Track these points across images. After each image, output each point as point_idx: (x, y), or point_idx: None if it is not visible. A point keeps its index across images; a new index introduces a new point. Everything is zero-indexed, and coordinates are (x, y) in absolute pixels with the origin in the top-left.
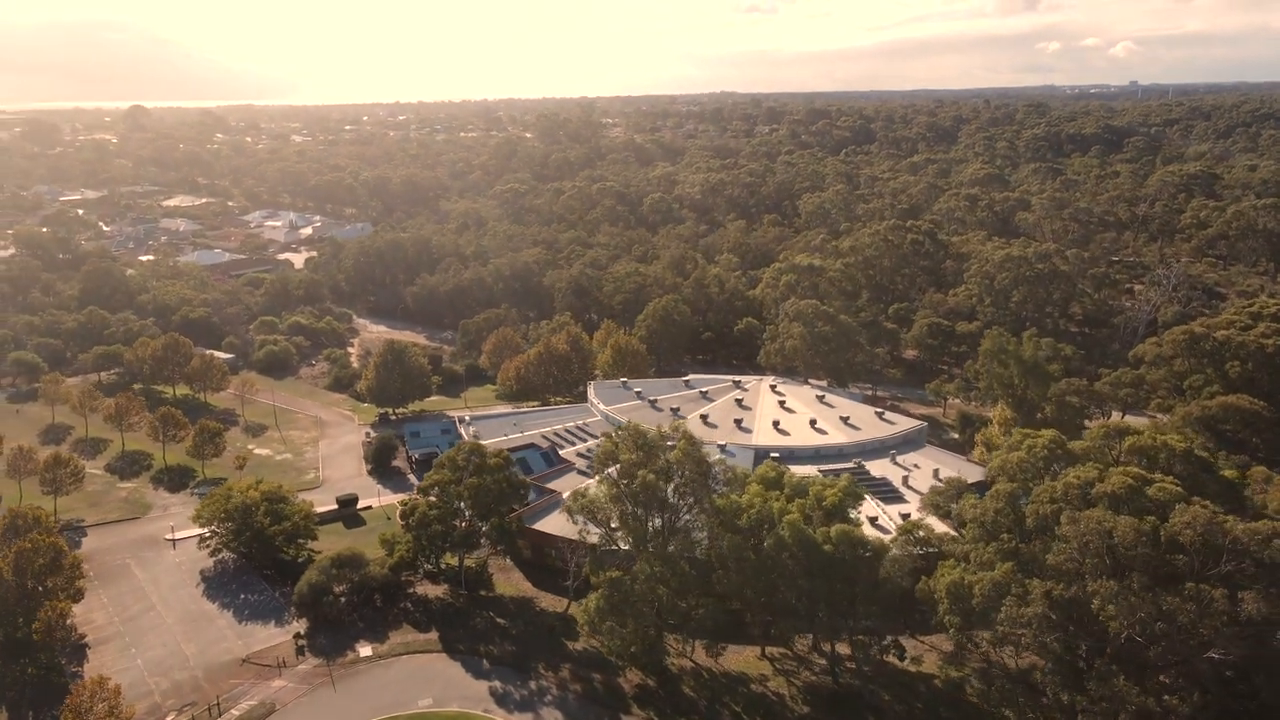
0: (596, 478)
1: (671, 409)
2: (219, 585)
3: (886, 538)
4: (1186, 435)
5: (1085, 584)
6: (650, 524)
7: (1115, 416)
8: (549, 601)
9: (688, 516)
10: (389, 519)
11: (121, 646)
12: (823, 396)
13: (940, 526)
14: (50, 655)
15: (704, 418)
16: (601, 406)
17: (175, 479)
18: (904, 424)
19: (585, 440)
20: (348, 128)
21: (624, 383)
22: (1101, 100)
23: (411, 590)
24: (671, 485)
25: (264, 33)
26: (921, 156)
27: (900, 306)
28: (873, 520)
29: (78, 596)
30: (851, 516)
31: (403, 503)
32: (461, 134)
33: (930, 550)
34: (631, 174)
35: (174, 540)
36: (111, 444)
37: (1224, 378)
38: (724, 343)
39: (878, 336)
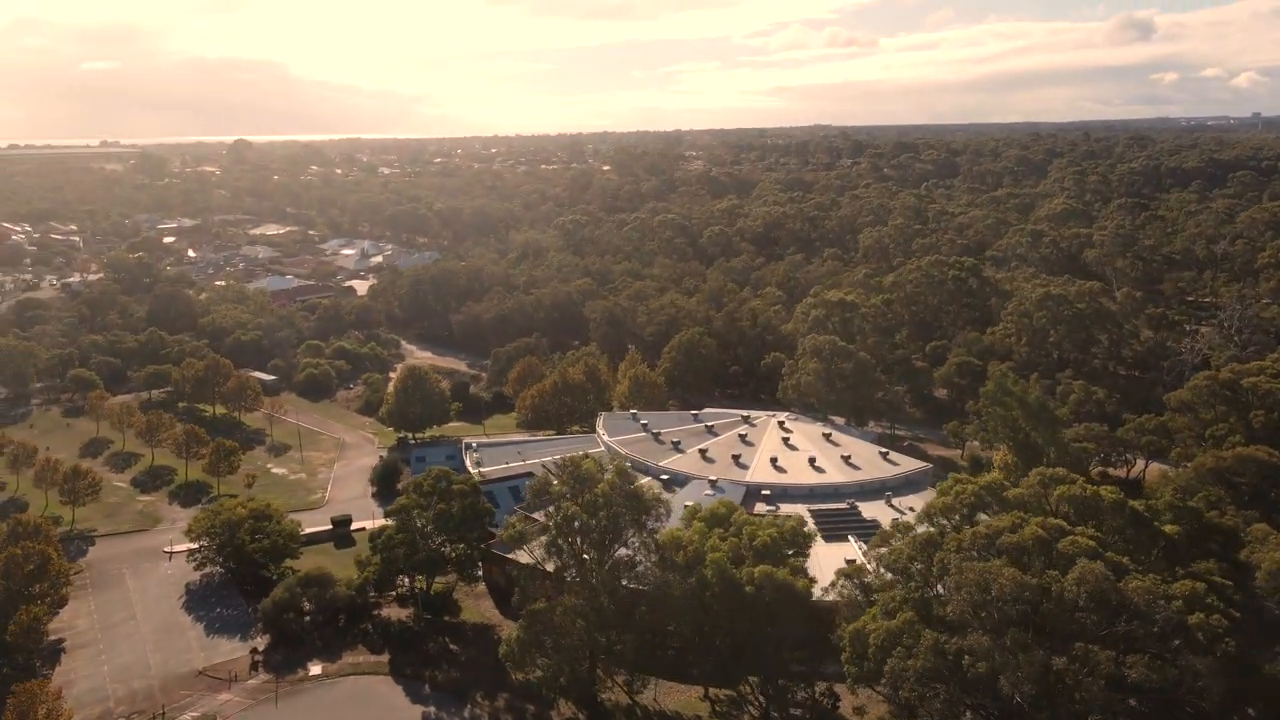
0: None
1: (673, 442)
2: (199, 598)
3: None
4: (1113, 490)
5: (965, 638)
6: (584, 556)
7: (1139, 464)
8: (511, 629)
9: (627, 551)
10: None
11: (95, 652)
12: (829, 435)
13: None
14: (27, 656)
15: (703, 452)
16: (606, 437)
17: (191, 494)
18: (908, 465)
19: None
20: (437, 160)
21: (633, 414)
22: (1218, 133)
23: (376, 612)
24: (598, 518)
25: (383, 71)
26: (1004, 191)
27: (938, 344)
28: (850, 562)
29: (60, 603)
30: (791, 557)
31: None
32: (543, 166)
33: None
34: (698, 206)
35: (171, 553)
36: (143, 458)
37: (1248, 427)
38: (752, 377)
39: (906, 374)
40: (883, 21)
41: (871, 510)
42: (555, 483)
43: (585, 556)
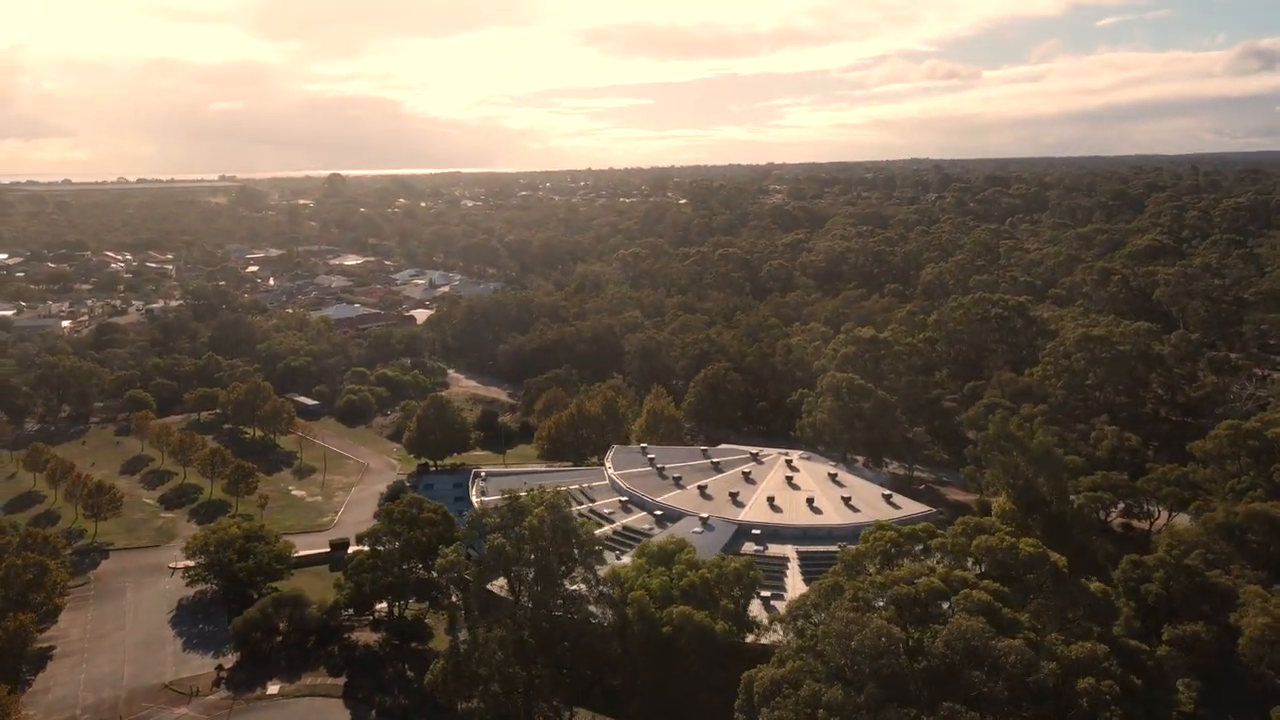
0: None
1: (674, 478)
2: (187, 614)
3: None
4: (1034, 541)
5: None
6: (513, 588)
7: (1162, 516)
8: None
9: (578, 586)
10: None
11: (77, 661)
12: (835, 475)
13: None
14: (15, 662)
15: (701, 489)
16: (612, 471)
17: (211, 513)
18: (910, 509)
19: (583, 503)
20: (522, 193)
21: (643, 448)
22: None
23: (347, 635)
24: (523, 551)
25: (490, 108)
26: (1092, 227)
27: (976, 384)
28: None
29: (54, 612)
30: (727, 600)
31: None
32: (621, 199)
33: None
34: (765, 240)
35: (174, 568)
36: (175, 477)
37: (1270, 481)
38: (780, 413)
39: (936, 415)
40: (984, 53)
41: None
42: (493, 515)
43: (514, 589)
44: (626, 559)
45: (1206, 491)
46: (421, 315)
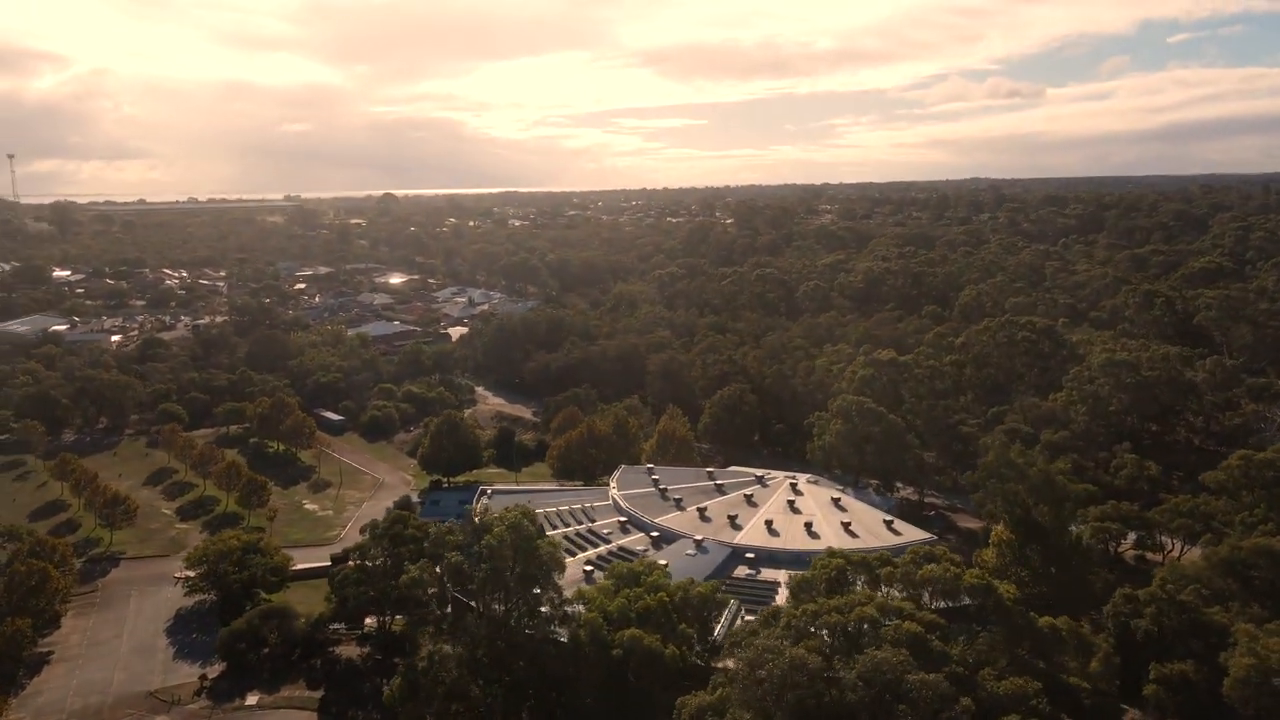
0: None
1: (675, 499)
2: (183, 623)
3: None
4: (984, 572)
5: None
6: (472, 605)
7: (1175, 549)
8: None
9: (544, 608)
10: None
11: (73, 666)
12: (838, 500)
13: None
14: (13, 666)
15: (701, 510)
16: (615, 491)
17: (224, 524)
18: (911, 535)
19: (582, 523)
20: (571, 212)
21: (649, 469)
22: None
23: (331, 648)
24: (481, 569)
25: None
26: (1149, 248)
27: (1001, 409)
28: None
29: (53, 619)
30: (684, 624)
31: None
32: (668, 218)
33: None
34: (804, 261)
35: (178, 578)
36: (196, 488)
37: None
38: (798, 435)
39: (954, 439)
40: (1049, 71)
41: None
42: (455, 533)
43: (472, 606)
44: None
45: (1220, 524)
46: (458, 333)
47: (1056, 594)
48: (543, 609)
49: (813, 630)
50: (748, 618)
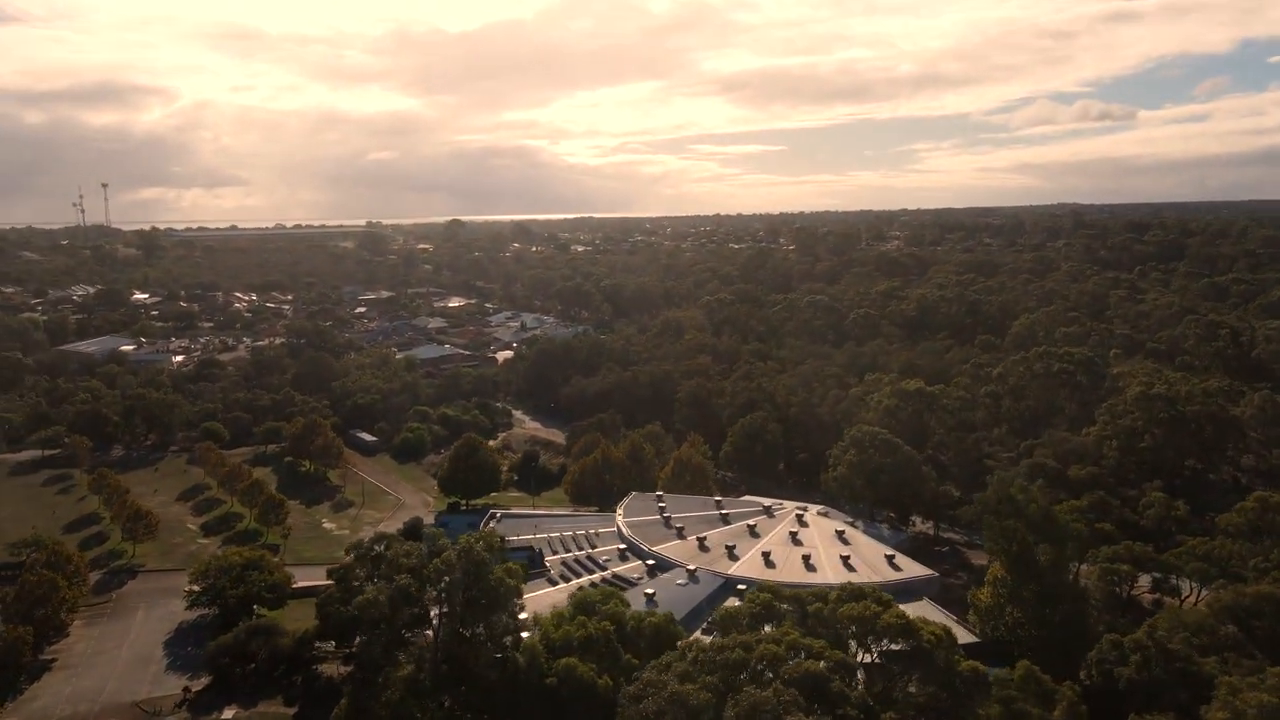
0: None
1: (677, 528)
2: (182, 636)
3: None
4: (877, 603)
5: None
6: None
7: (1193, 593)
8: None
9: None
10: None
11: (71, 674)
12: (842, 532)
13: None
14: (15, 673)
15: (701, 540)
16: (621, 517)
17: (242, 540)
18: (912, 572)
19: (583, 549)
20: (636, 238)
21: (658, 496)
22: None
23: (316, 666)
24: (426, 592)
25: (627, 155)
26: (1230, 276)
27: (1031, 443)
28: None
29: (60, 628)
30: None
31: None
32: (732, 245)
33: None
34: (857, 288)
35: (187, 592)
36: (224, 505)
37: None
38: (820, 465)
39: (978, 474)
40: (1141, 93)
41: None
42: (409, 556)
43: (418, 629)
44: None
45: (1235, 568)
46: (506, 357)
47: (1049, 637)
48: (497, 635)
49: (713, 665)
50: None
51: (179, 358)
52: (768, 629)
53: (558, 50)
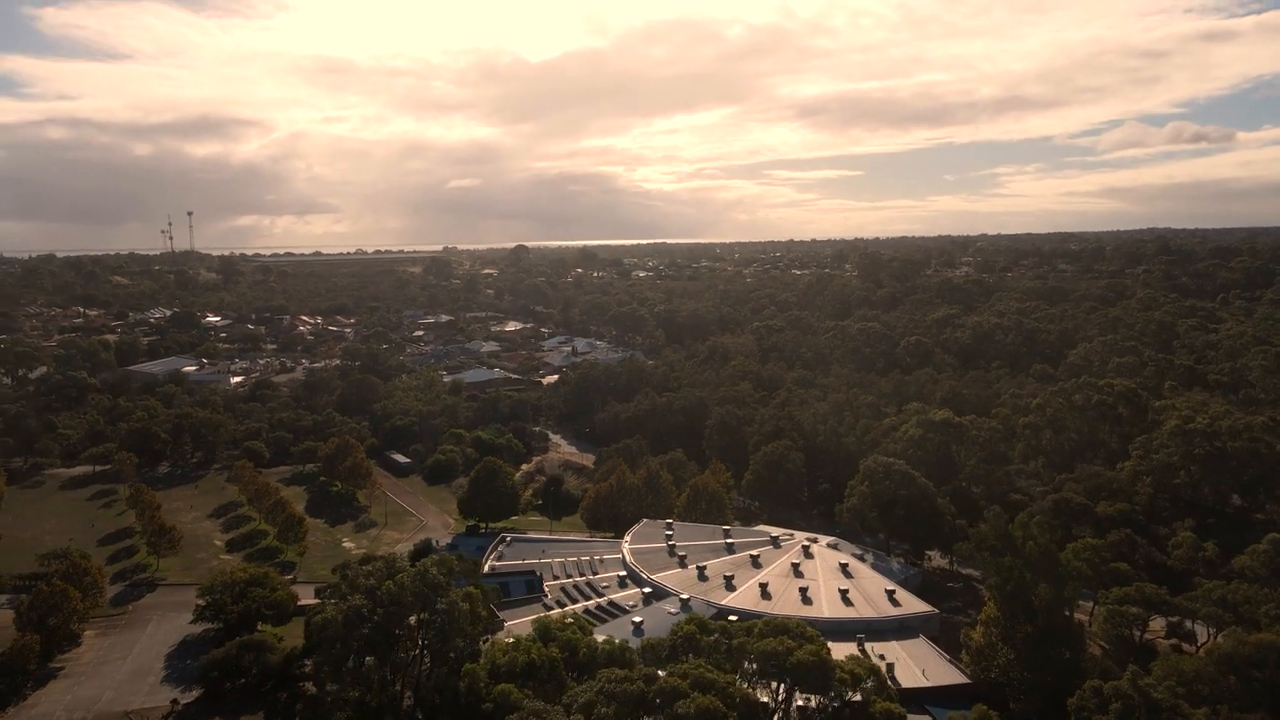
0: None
1: (680, 556)
2: (184, 649)
3: None
4: (811, 651)
5: None
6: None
7: (1208, 639)
8: None
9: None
10: None
11: (73, 683)
12: (846, 565)
13: None
14: (22, 679)
15: (701, 569)
16: (627, 544)
17: (265, 557)
18: (911, 608)
19: (585, 575)
20: (703, 263)
21: (667, 524)
22: None
23: (303, 683)
24: (378, 614)
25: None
26: None
27: (1065, 478)
28: None
29: (71, 637)
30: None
31: None
32: (795, 270)
33: None
34: (913, 315)
35: (198, 606)
36: (253, 522)
37: None
38: (840, 496)
39: (1007, 507)
40: (1239, 114)
41: (839, 651)
42: (366, 577)
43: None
44: (600, 636)
45: (1248, 613)
46: (551, 381)
47: (1042, 680)
48: (449, 660)
49: (612, 697)
50: None
51: (237, 379)
52: (691, 660)
53: (635, 78)
